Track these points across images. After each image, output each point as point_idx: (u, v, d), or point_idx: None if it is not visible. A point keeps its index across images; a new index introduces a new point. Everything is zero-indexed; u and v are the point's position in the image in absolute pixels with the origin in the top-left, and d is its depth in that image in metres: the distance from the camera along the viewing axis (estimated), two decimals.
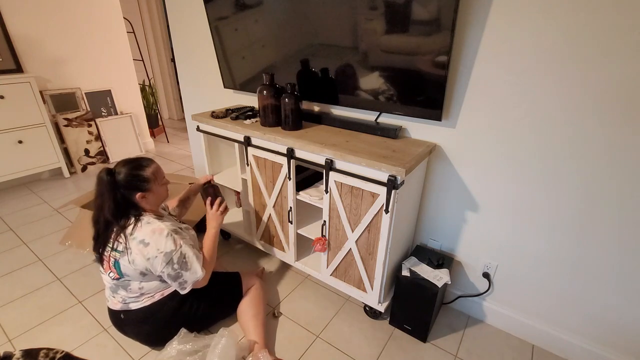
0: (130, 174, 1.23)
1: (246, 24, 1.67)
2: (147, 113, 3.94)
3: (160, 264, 1.21)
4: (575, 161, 1.18)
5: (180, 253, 1.24)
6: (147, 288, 1.29)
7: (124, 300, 1.32)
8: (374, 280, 1.44)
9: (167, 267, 1.22)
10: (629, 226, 1.15)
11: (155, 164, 1.31)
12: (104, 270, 1.31)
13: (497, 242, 1.44)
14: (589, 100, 1.09)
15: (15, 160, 2.76)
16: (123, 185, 1.22)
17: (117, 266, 1.25)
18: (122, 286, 1.29)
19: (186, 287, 1.29)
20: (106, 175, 1.21)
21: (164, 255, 1.21)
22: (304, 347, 1.45)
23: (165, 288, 1.34)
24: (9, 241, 2.12)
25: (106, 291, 1.38)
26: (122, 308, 1.33)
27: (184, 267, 1.25)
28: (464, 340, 1.50)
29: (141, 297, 1.32)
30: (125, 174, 1.22)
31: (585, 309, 1.33)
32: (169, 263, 1.22)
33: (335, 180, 1.36)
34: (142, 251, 1.21)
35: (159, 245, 1.21)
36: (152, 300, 1.32)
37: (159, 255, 1.21)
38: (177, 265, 1.24)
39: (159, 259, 1.21)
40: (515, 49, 1.16)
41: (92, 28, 3.15)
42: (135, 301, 1.32)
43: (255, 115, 1.73)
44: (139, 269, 1.23)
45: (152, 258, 1.21)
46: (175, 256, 1.23)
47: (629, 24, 0.98)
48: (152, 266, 1.22)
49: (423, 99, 1.31)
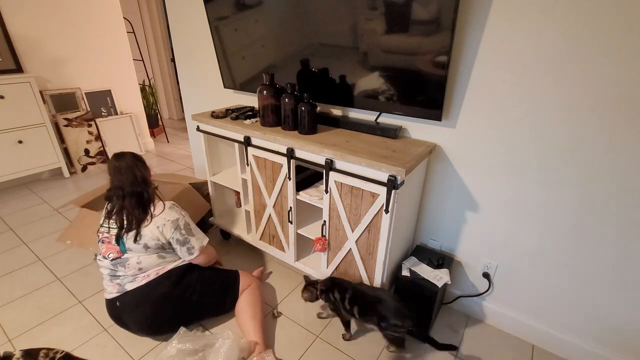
0: (136, 156, 1.40)
1: (246, 24, 1.67)
2: (147, 113, 3.94)
3: (169, 230, 1.35)
4: (575, 161, 1.18)
5: (185, 221, 1.40)
6: (145, 263, 1.35)
7: (121, 282, 1.36)
8: (374, 280, 1.43)
9: (176, 232, 1.36)
10: (628, 226, 1.15)
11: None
12: (103, 255, 1.36)
13: (497, 242, 1.44)
14: (589, 100, 1.09)
15: (15, 160, 2.76)
16: (140, 162, 1.38)
17: (121, 245, 1.34)
18: (120, 264, 1.35)
19: (194, 252, 1.42)
20: (124, 157, 1.36)
21: (171, 222, 1.35)
22: (304, 347, 1.45)
23: (162, 266, 1.39)
24: (9, 241, 2.12)
25: (104, 282, 1.40)
26: (118, 292, 1.36)
27: (190, 232, 1.41)
28: (464, 340, 1.50)
29: (138, 275, 1.36)
30: (133, 156, 1.39)
31: (585, 309, 1.33)
32: (176, 229, 1.36)
33: (335, 180, 1.36)
34: (155, 222, 1.34)
35: (165, 215, 1.36)
36: (147, 279, 1.36)
37: (166, 222, 1.35)
38: (184, 231, 1.39)
39: (167, 226, 1.35)
40: (515, 49, 1.16)
41: (92, 28, 3.15)
42: (132, 281, 1.36)
43: (255, 115, 1.73)
44: (145, 241, 1.33)
45: (161, 226, 1.34)
46: (181, 223, 1.38)
47: (629, 24, 0.98)
48: (162, 233, 1.34)
49: (423, 99, 1.31)
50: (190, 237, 1.41)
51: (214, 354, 1.26)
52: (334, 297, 1.39)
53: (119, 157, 1.36)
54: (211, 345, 1.31)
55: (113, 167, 1.34)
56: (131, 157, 1.37)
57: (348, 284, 1.40)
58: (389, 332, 1.29)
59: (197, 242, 1.42)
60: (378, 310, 1.29)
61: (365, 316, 1.33)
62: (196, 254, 1.43)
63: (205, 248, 1.46)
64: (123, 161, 1.34)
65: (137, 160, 1.38)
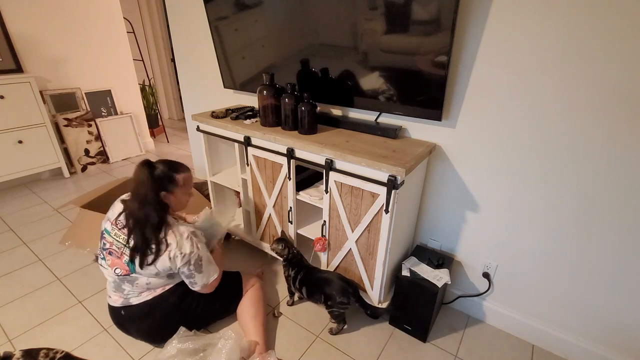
0: (164, 172, 1.30)
1: (246, 23, 1.67)
2: (147, 113, 3.94)
3: (179, 262, 1.28)
4: (575, 161, 1.18)
5: (197, 256, 1.31)
6: (154, 284, 1.32)
7: (126, 296, 1.33)
8: (374, 280, 1.44)
9: (185, 266, 1.29)
10: (628, 226, 1.15)
11: (189, 172, 1.39)
12: (108, 265, 1.31)
13: (497, 242, 1.44)
14: (589, 100, 1.09)
15: (15, 160, 2.76)
16: (156, 179, 1.28)
17: (129, 264, 1.27)
18: (128, 281, 1.31)
19: (195, 287, 1.36)
20: (145, 168, 1.26)
21: (183, 256, 1.27)
22: (304, 347, 1.45)
23: (169, 284, 1.36)
24: (9, 241, 2.12)
25: (108, 288, 1.38)
26: (122, 304, 1.34)
27: (198, 269, 1.32)
28: (464, 340, 1.50)
29: (144, 292, 1.33)
30: (161, 170, 1.29)
31: (585, 309, 1.33)
32: (186, 263, 1.29)
33: (335, 180, 1.36)
34: (168, 252, 1.26)
35: (179, 246, 1.27)
36: (153, 295, 1.34)
37: (178, 255, 1.27)
38: (192, 267, 1.31)
39: (178, 258, 1.27)
40: (515, 49, 1.16)
41: (92, 28, 3.15)
42: (137, 296, 1.33)
43: (255, 115, 1.73)
44: (156, 270, 1.27)
45: (173, 258, 1.27)
46: (192, 258, 1.30)
47: (628, 24, 0.98)
48: (173, 263, 1.27)
49: (423, 99, 1.31)
50: (197, 273, 1.33)
51: (216, 354, 1.26)
52: (290, 273, 1.56)
53: (145, 164, 1.27)
54: (212, 345, 1.31)
55: (135, 176, 1.27)
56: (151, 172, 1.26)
57: (304, 266, 1.54)
58: (335, 310, 1.45)
59: (201, 280, 1.34)
60: (325, 290, 1.44)
61: (313, 296, 1.50)
62: (197, 289, 1.36)
63: (208, 285, 1.37)
64: (144, 172, 1.25)
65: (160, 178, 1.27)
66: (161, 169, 1.29)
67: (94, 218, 1.76)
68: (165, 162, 1.32)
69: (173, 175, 1.31)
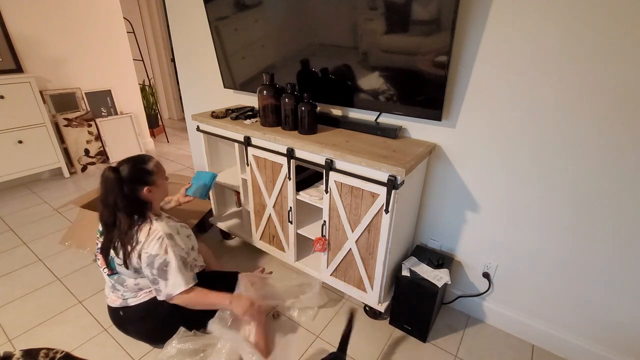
0: (135, 168, 1.23)
1: (246, 24, 1.67)
2: (147, 113, 3.94)
3: (144, 262, 1.21)
4: (575, 161, 1.18)
5: (164, 260, 1.20)
6: (143, 284, 1.30)
7: (123, 297, 1.33)
8: (374, 280, 1.44)
9: (147, 268, 1.21)
10: (628, 226, 1.15)
11: (155, 158, 1.32)
12: (100, 265, 1.33)
13: (497, 242, 1.44)
14: (588, 101, 1.09)
15: (15, 160, 2.76)
16: (129, 180, 1.21)
17: (112, 264, 1.27)
18: (118, 282, 1.31)
19: (160, 296, 1.25)
20: (112, 173, 1.19)
21: (147, 256, 1.20)
22: (304, 347, 1.45)
23: None
24: (9, 241, 2.12)
25: (106, 288, 1.39)
26: (121, 305, 1.34)
27: (162, 275, 1.22)
28: (464, 340, 1.50)
29: (139, 292, 1.33)
30: (129, 169, 1.22)
31: (585, 309, 1.33)
32: (149, 265, 1.20)
33: (335, 180, 1.36)
34: (137, 249, 1.21)
35: (146, 245, 1.20)
36: (150, 296, 1.33)
37: (143, 254, 1.20)
38: (155, 271, 1.21)
39: (143, 257, 1.20)
40: (515, 49, 1.16)
41: (92, 28, 3.15)
42: (134, 297, 1.33)
43: (255, 115, 1.73)
44: (134, 266, 1.24)
45: (139, 256, 1.21)
46: (157, 261, 1.20)
47: (628, 24, 0.98)
48: (139, 263, 1.22)
49: (423, 99, 1.31)
50: (162, 280, 1.21)
51: (216, 354, 1.25)
52: None
53: (111, 170, 1.20)
54: (212, 345, 1.31)
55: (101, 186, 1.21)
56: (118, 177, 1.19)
57: None
58: None
59: (166, 289, 1.22)
60: None
61: None
62: (160, 298, 1.25)
63: (177, 296, 1.24)
64: (110, 180, 1.18)
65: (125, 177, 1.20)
66: (129, 168, 1.22)
67: (94, 218, 1.76)
68: (129, 160, 1.25)
69: (144, 167, 1.24)
